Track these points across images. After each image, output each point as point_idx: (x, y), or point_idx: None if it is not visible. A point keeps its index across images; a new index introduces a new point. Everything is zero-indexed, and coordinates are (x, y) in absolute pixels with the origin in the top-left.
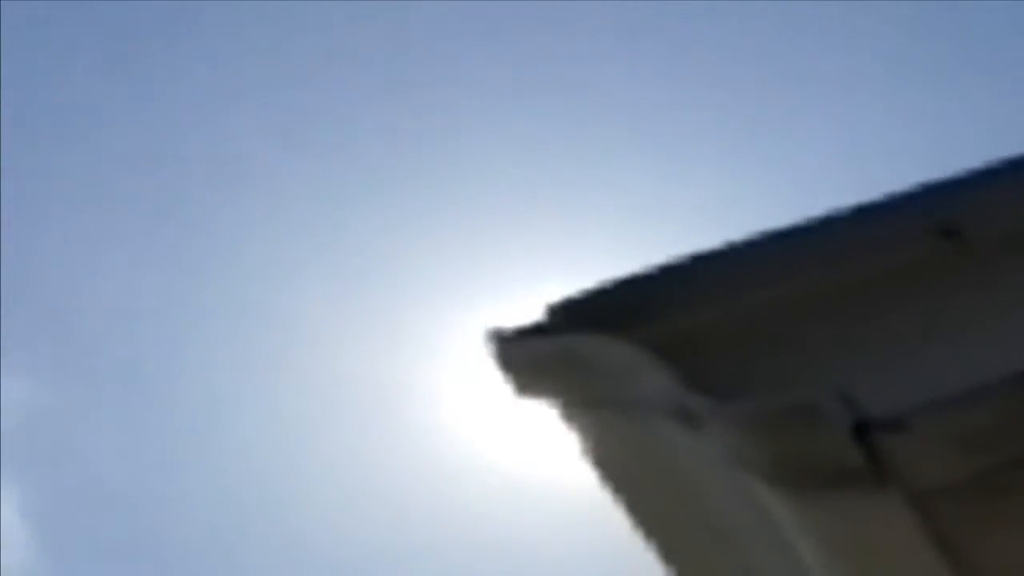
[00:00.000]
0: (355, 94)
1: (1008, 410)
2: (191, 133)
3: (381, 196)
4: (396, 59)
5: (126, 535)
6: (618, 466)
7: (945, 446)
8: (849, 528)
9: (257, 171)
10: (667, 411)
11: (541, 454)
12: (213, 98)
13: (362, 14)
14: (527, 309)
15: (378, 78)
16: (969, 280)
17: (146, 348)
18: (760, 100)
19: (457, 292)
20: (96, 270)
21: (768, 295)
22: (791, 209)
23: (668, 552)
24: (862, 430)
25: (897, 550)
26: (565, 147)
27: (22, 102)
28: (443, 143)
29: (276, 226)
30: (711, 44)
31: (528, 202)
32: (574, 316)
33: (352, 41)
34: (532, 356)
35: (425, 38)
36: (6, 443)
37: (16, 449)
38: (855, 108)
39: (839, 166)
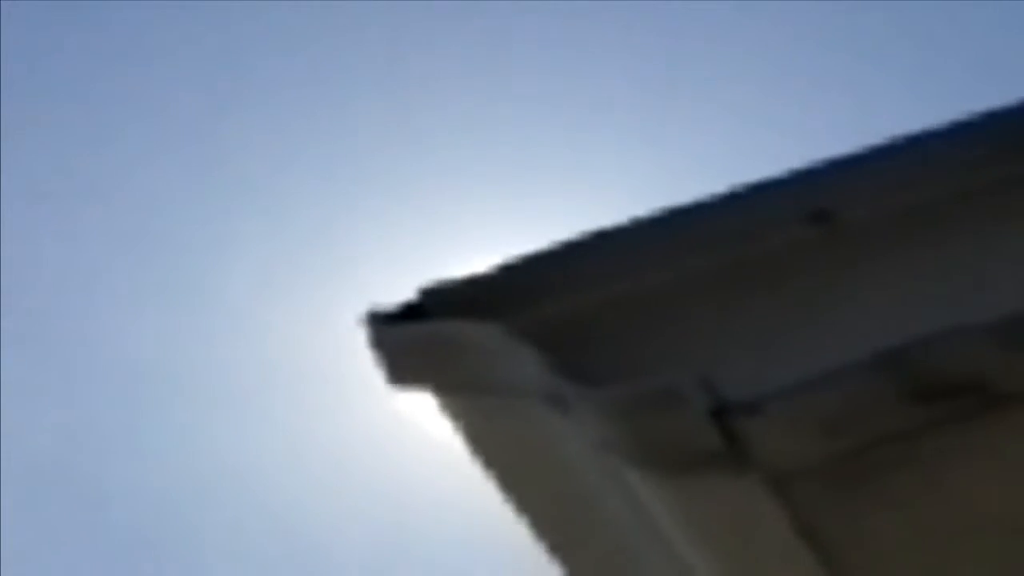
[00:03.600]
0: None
1: (864, 392)
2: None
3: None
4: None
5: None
6: (497, 454)
7: (802, 428)
8: (712, 512)
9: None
10: (539, 397)
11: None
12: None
13: None
14: (402, 294)
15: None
16: (839, 266)
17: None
18: (632, 85)
19: (331, 278)
20: None
21: (639, 282)
22: (662, 195)
23: (549, 540)
24: (720, 413)
25: (759, 533)
26: (444, 127)
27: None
28: (323, 111)
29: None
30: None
31: (408, 184)
32: (447, 301)
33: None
34: (406, 341)
35: None
36: None
37: None
38: (727, 93)
39: (711, 152)
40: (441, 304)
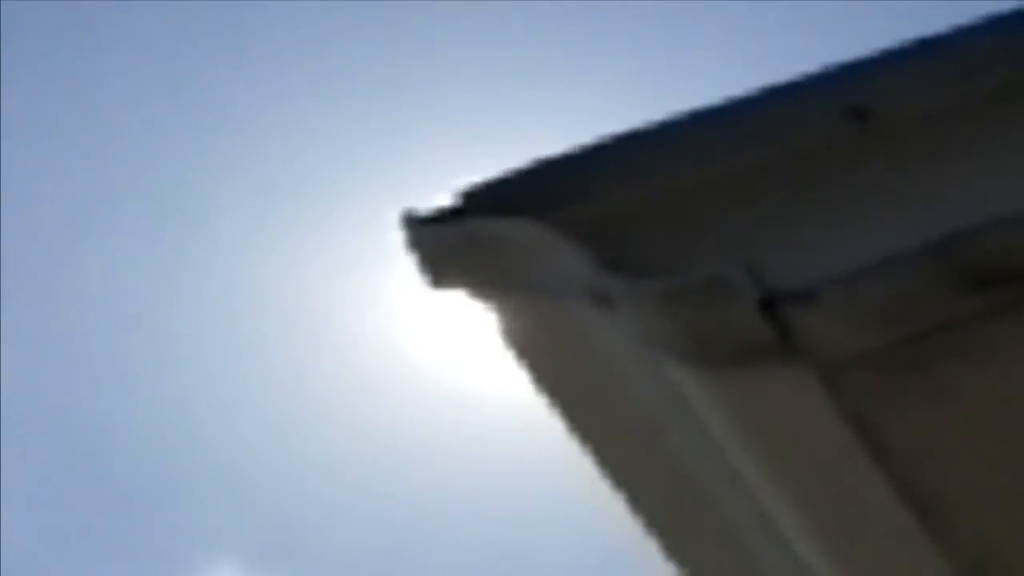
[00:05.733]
0: None
1: (918, 279)
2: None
3: (284, 75)
4: None
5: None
6: (537, 355)
7: (854, 318)
8: (760, 404)
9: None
10: (583, 294)
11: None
12: None
13: None
14: (439, 197)
15: None
16: (879, 161)
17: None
18: None
19: (366, 180)
20: None
21: (679, 177)
22: (701, 92)
23: (590, 442)
24: (770, 304)
25: (807, 425)
26: (483, 28)
27: None
28: (349, 16)
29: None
30: None
31: (445, 86)
32: (486, 201)
33: None
34: (445, 241)
35: None
36: None
37: None
38: None
39: (750, 48)
40: (480, 204)
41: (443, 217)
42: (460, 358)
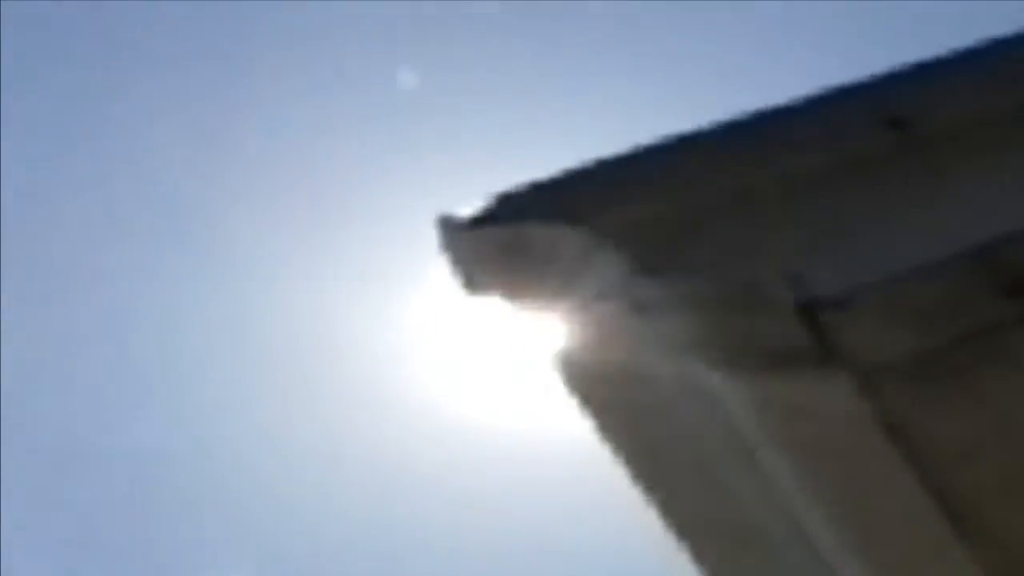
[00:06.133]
0: None
1: (956, 286)
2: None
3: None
4: None
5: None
6: (572, 362)
7: (892, 323)
8: (797, 410)
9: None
10: (620, 301)
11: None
12: None
13: None
14: (475, 201)
15: None
16: (916, 170)
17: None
18: None
19: (402, 184)
20: None
21: (718, 185)
22: (740, 100)
23: (625, 453)
24: (808, 309)
25: (845, 431)
26: (519, 35)
27: None
28: (381, 18)
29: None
30: None
31: (475, 94)
32: (522, 205)
33: None
34: (481, 245)
35: None
36: None
37: None
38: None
39: (789, 57)
40: (516, 209)
41: (478, 222)
42: (494, 365)
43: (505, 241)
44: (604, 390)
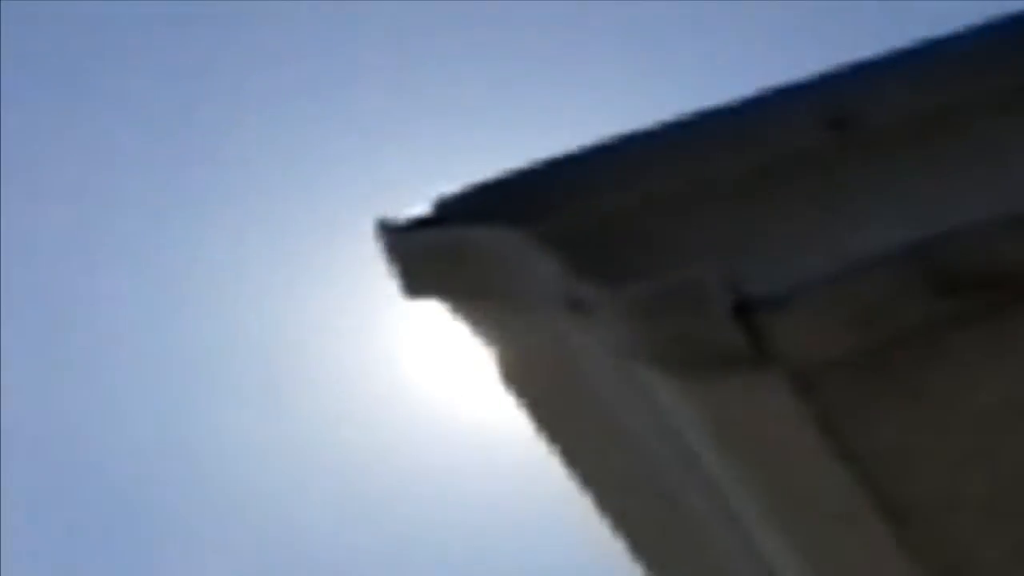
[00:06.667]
0: None
1: (891, 284)
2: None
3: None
4: None
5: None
6: (512, 363)
7: (827, 322)
8: (733, 410)
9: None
10: (559, 302)
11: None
12: None
13: None
14: (415, 205)
15: None
16: (856, 169)
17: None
18: None
19: (341, 189)
20: None
21: (657, 187)
22: (679, 101)
23: (565, 451)
24: (743, 310)
25: (780, 430)
26: (458, 34)
27: None
28: (326, 23)
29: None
30: None
31: (418, 95)
32: (462, 209)
33: None
34: (421, 249)
35: None
36: None
37: None
38: None
39: (727, 57)
40: (455, 212)
41: (418, 225)
42: (436, 367)
43: (442, 244)
44: (544, 391)
